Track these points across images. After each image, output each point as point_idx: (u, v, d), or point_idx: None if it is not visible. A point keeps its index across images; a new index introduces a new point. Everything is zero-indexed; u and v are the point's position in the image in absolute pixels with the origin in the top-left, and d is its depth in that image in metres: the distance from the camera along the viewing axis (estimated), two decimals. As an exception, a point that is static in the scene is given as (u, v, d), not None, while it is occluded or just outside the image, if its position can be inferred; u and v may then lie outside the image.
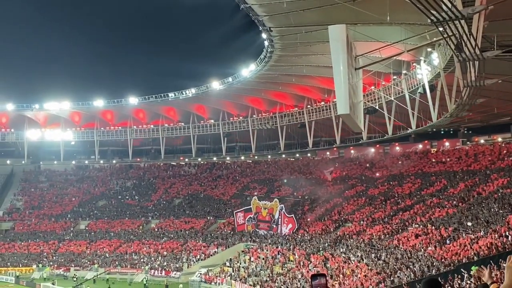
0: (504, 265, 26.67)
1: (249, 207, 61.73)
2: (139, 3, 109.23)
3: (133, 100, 74.86)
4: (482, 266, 2.19)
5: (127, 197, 78.12)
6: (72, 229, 71.02)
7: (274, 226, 58.60)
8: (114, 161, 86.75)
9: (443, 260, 33.32)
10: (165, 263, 58.12)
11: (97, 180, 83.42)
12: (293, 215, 57.85)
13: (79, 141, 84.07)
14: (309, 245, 50.41)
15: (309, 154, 75.82)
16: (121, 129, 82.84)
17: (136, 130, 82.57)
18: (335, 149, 71.40)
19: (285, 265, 48.45)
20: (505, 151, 53.13)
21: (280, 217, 58.26)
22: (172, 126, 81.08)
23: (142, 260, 60.05)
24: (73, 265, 61.32)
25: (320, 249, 47.98)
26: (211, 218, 67.24)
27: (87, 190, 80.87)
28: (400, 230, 44.45)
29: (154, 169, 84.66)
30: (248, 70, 58.42)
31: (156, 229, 67.55)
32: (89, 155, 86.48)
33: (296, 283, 41.92)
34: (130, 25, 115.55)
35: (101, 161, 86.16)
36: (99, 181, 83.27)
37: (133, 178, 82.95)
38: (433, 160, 59.88)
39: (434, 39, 30.31)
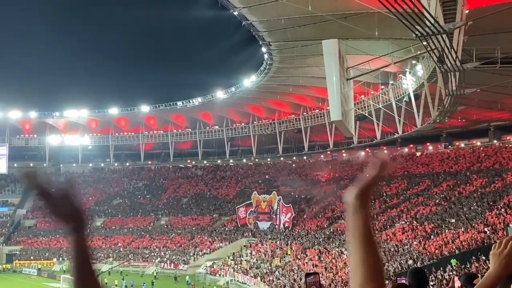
0: (483, 258, 26.50)
1: (250, 201, 61.59)
2: (150, 20, 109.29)
3: (145, 108, 74.85)
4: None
5: (139, 197, 78.01)
6: (89, 225, 70.46)
7: (274, 216, 58.51)
8: (127, 164, 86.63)
9: (427, 253, 33.23)
10: (173, 257, 58.01)
11: (112, 181, 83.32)
12: (290, 204, 57.72)
13: (96, 145, 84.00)
14: (305, 240, 50.32)
15: (305, 157, 75.72)
16: (134, 134, 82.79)
17: (148, 135, 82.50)
18: (328, 152, 71.31)
19: (284, 259, 48.35)
20: (483, 154, 53.08)
21: (278, 207, 58.17)
22: (180, 132, 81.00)
23: (152, 254, 59.94)
24: (90, 258, 61.10)
25: (315, 243, 47.89)
26: (215, 215, 67.14)
27: (103, 190, 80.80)
28: (388, 226, 44.37)
29: (163, 171, 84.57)
30: (249, 81, 58.43)
31: (165, 226, 67.45)
32: (104, 158, 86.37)
33: (293, 275, 41.81)
34: (143, 39, 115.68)
35: (116, 164, 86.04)
36: (114, 182, 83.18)
37: (145, 179, 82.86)
38: (418, 162, 59.79)
39: (419, 52, 30.35)
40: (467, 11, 18.89)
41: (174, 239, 62.49)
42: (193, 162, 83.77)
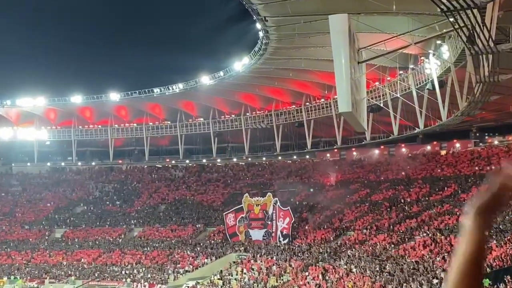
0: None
1: (240, 206, 61.56)
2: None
3: (114, 96, 74.55)
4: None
5: (107, 203, 77.74)
6: (47, 237, 70.65)
7: (269, 222, 58.49)
8: (93, 163, 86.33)
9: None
10: (149, 275, 57.90)
11: (74, 184, 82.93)
12: (289, 208, 57.80)
13: (55, 140, 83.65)
14: (307, 255, 50.41)
15: (307, 156, 75.78)
16: (101, 128, 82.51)
17: (118, 129, 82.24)
18: (336, 150, 71.44)
19: (281, 278, 48.43)
20: (521, 153, 53.40)
21: (274, 211, 58.15)
22: (158, 125, 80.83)
23: (123, 271, 59.79)
24: (48, 277, 60.92)
25: (319, 260, 48.00)
26: (200, 226, 67.07)
27: (64, 195, 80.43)
28: (406, 240, 44.54)
29: (137, 172, 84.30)
30: (241, 64, 58.30)
31: (139, 238, 67.28)
32: (65, 156, 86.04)
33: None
34: (111, 14, 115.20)
35: (79, 163, 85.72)
36: (77, 185, 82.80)
37: (114, 182, 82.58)
38: (443, 163, 60.04)
39: (444, 30, 30.42)
40: (502, -18, 18.94)
41: (149, 254, 62.37)
42: (173, 162, 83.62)
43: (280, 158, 77.41)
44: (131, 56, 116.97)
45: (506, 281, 28.71)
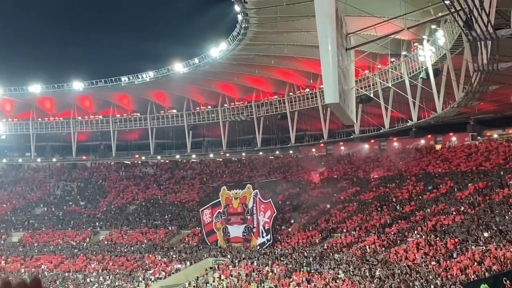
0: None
1: (217, 200, 61.63)
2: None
3: (77, 85, 73.95)
4: None
5: (70, 203, 77.34)
6: (3, 242, 70.01)
7: (248, 217, 58.73)
8: (54, 160, 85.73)
9: (449, 277, 33.75)
10: (116, 283, 57.73)
11: (33, 183, 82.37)
12: (270, 199, 58.03)
13: (11, 134, 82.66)
14: (290, 259, 50.57)
15: (291, 151, 76.02)
16: (63, 120, 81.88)
17: (82, 121, 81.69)
18: (322, 145, 71.74)
19: (262, 284, 48.55)
20: (521, 148, 54.07)
21: (255, 205, 58.36)
22: (126, 117, 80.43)
23: (88, 279, 59.54)
24: (3, 286, 60.41)
25: (304, 264, 48.19)
26: (173, 228, 67.01)
27: (21, 195, 79.85)
28: (398, 242, 44.88)
29: (103, 169, 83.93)
30: (218, 50, 58.21)
31: (105, 242, 67.02)
32: (23, 152, 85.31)
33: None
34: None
35: (39, 160, 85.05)
36: (36, 183, 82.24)
37: (78, 180, 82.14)
38: (438, 158, 60.57)
39: (440, 14, 30.63)
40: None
41: (117, 260, 62.16)
42: (143, 158, 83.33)
43: (261, 153, 77.53)
44: (97, 41, 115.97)
45: (506, 286, 29.07)
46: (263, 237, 57.23)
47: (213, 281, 52.58)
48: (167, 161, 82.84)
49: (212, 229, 60.90)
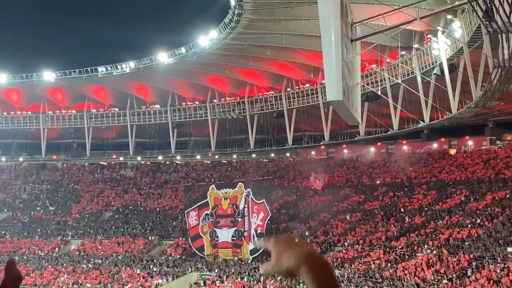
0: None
1: (205, 200, 61.44)
2: None
3: (48, 76, 73.82)
4: None
5: (38, 209, 77.13)
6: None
7: (239, 220, 58.53)
8: (20, 159, 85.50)
9: (462, 297, 33.87)
10: (89, 299, 57.71)
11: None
12: (263, 200, 57.87)
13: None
14: (285, 275, 50.60)
15: (288, 154, 76.03)
16: (31, 114, 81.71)
17: (52, 116, 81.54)
18: (322, 147, 71.80)
19: (253, 303, 48.59)
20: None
21: (247, 205, 58.16)
22: (103, 113, 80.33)
23: (57, 294, 59.48)
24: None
25: (300, 281, 48.18)
26: (153, 238, 66.91)
27: (-17, 198, 79.63)
28: (406, 257, 44.99)
29: (76, 170, 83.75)
30: (207, 39, 58.21)
31: (77, 253, 66.89)
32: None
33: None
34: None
35: (3, 158, 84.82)
36: (0, 185, 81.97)
37: (47, 182, 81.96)
38: (452, 164, 60.73)
39: (457, 2, 30.74)
40: None
41: (90, 273, 62.07)
42: (121, 158, 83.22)
43: (254, 155, 77.49)
44: (71, 27, 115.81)
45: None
46: (254, 242, 57.10)
47: (198, 299, 52.63)
48: (148, 163, 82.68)
49: (198, 233, 60.64)
